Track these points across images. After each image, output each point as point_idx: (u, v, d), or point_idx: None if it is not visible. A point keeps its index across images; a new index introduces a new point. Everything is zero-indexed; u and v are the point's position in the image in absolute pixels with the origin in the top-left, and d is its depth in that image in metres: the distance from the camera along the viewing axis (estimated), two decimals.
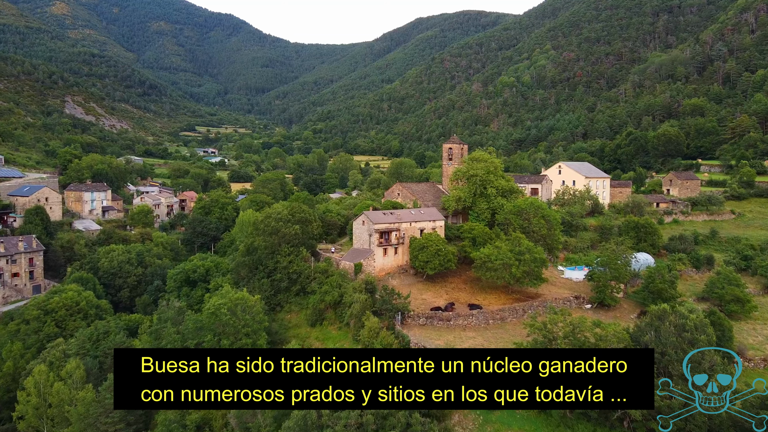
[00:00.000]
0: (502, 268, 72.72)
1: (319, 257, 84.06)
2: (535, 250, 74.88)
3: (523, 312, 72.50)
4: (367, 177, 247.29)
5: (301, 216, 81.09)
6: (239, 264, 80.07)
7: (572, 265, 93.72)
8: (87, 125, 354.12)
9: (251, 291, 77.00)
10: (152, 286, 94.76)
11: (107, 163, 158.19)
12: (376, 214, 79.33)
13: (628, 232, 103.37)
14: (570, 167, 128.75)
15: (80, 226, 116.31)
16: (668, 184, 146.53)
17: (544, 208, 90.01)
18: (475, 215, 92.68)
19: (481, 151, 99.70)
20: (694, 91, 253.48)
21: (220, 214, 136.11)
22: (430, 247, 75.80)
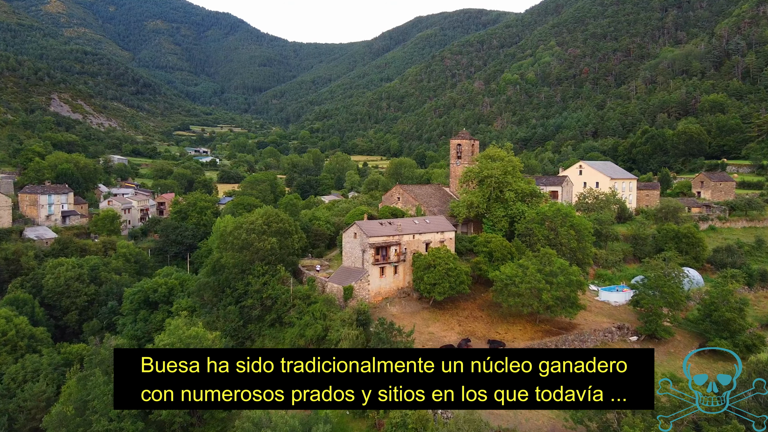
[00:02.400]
0: (529, 293, 57.74)
1: (302, 276, 68.93)
2: (570, 270, 59.85)
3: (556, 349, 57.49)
4: (365, 178, 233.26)
5: (279, 226, 65.97)
6: (202, 286, 65.01)
7: (607, 284, 78.69)
8: (72, 123, 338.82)
9: (215, 320, 61.89)
10: (105, 309, 79.76)
11: (73, 162, 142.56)
12: (371, 224, 64.22)
13: (666, 242, 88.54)
14: (593, 167, 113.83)
15: (32, 235, 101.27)
16: (699, 186, 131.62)
17: (574, 216, 75.05)
18: (490, 224, 77.70)
19: (496, 147, 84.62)
20: (713, 87, 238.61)
21: (198, 219, 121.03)
22: (439, 266, 60.77)
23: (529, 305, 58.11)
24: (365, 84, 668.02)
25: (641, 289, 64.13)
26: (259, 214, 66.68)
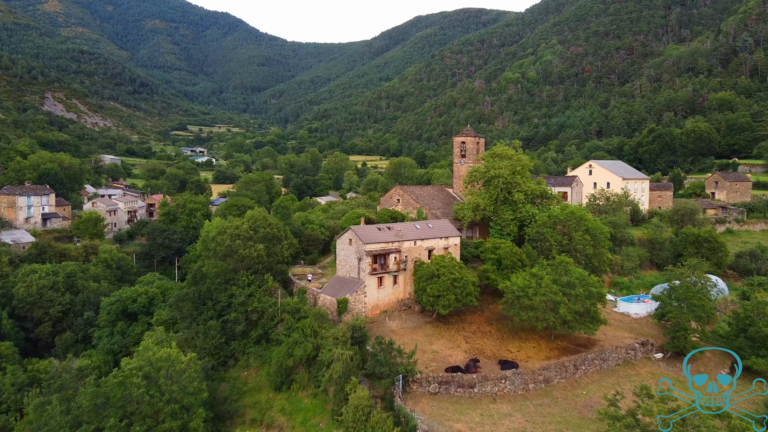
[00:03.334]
0: (543, 307, 51.64)
1: (292, 287, 62.76)
2: (589, 280, 53.71)
3: (574, 369, 51.51)
4: (364, 178, 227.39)
5: (267, 232, 59.81)
6: (181, 297, 58.82)
7: (624, 293, 72.65)
8: (66, 123, 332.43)
9: (194, 337, 55.71)
10: (81, 320, 73.59)
11: (57, 161, 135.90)
12: (368, 229, 58.09)
13: (685, 247, 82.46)
14: (603, 167, 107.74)
15: (8, 239, 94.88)
16: (713, 186, 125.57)
17: (589, 219, 68.87)
18: (497, 228, 71.62)
19: (504, 145, 78.47)
20: (720, 85, 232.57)
21: (188, 221, 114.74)
22: (443, 276, 54.64)
23: (544, 320, 52.00)
24: (364, 83, 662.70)
25: (666, 300, 57.99)
26: (245, 219, 60.47)
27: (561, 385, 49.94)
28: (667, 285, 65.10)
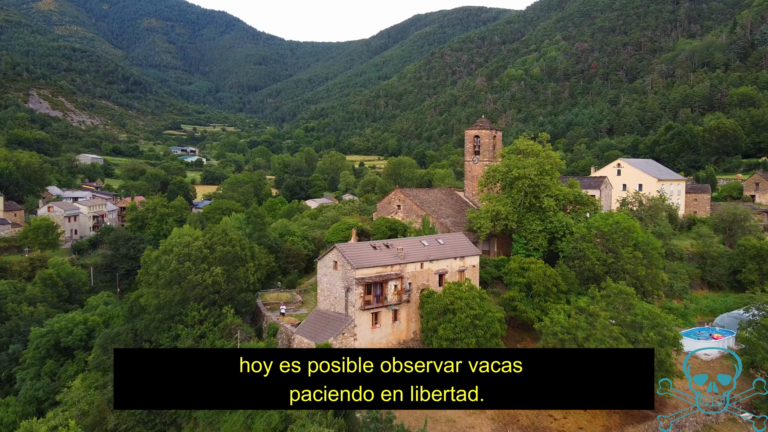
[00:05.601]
0: None
1: (262, 321, 48.32)
2: (661, 319, 39.50)
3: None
4: (361, 178, 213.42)
5: (227, 251, 45.45)
6: (110, 338, 44.44)
7: (680, 323, 58.19)
8: (49, 120, 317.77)
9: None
10: (4, 355, 59.51)
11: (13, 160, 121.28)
12: (359, 248, 43.71)
13: (744, 263, 68.35)
14: (634, 166, 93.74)
15: None
16: (752, 188, 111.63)
17: (638, 232, 54.68)
18: (522, 242, 57.41)
19: (527, 138, 64.25)
20: (740, 80, 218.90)
21: (158, 228, 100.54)
22: (460, 312, 40.37)
23: None
24: (363, 82, 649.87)
25: (756, 343, 43.77)
26: (197, 234, 46.10)
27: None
28: (743, 314, 51.34)
